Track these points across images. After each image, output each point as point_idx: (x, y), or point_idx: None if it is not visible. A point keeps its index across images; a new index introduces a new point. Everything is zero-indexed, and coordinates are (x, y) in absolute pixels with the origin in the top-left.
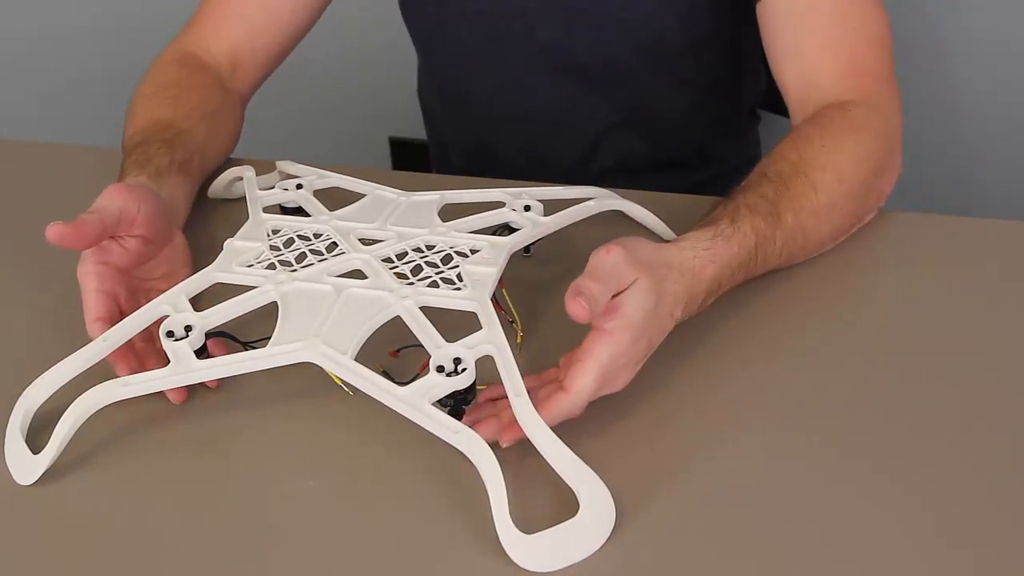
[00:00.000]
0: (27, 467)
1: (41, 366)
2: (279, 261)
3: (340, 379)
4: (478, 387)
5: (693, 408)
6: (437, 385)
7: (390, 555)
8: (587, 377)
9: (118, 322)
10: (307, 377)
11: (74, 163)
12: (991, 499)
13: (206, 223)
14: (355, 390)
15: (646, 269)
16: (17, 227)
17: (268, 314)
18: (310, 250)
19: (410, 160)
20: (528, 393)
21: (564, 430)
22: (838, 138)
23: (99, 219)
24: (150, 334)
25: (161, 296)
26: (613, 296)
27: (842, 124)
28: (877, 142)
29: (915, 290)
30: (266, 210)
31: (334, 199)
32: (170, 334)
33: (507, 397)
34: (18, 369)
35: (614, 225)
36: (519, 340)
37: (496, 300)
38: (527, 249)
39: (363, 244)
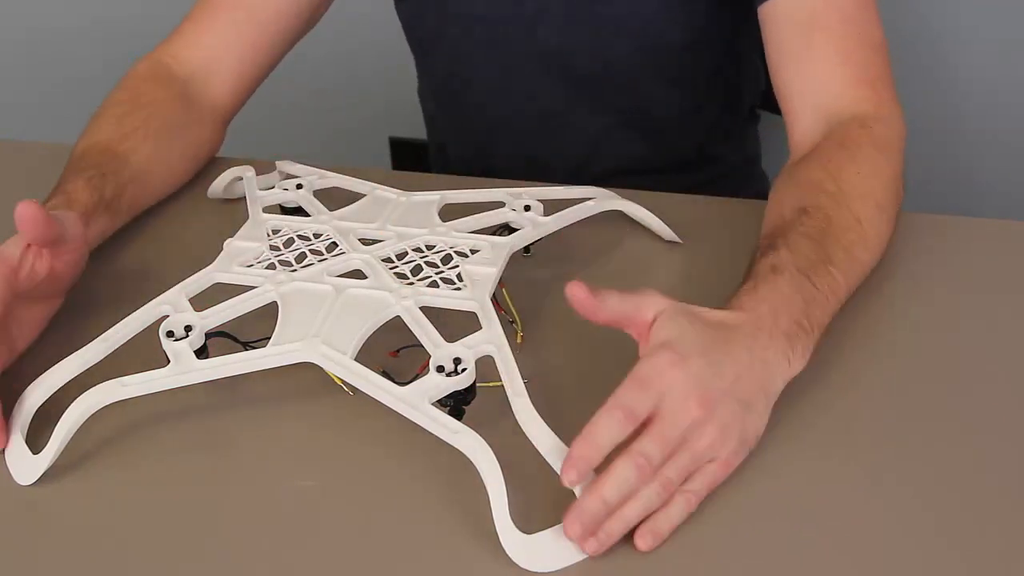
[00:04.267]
0: (27, 467)
1: (41, 366)
2: (279, 261)
3: (340, 379)
4: (478, 385)
5: None
6: (437, 385)
7: (389, 555)
8: (602, 412)
9: None
10: (307, 377)
11: None
12: (995, 499)
13: (206, 223)
14: (355, 390)
15: (671, 303)
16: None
17: (268, 314)
18: (310, 250)
19: (410, 160)
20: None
21: (565, 430)
22: (871, 162)
23: (63, 225)
24: None
25: (161, 296)
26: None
27: (869, 145)
28: (900, 160)
29: (915, 290)
30: (266, 210)
31: (334, 199)
32: (170, 334)
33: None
34: (18, 369)
35: (614, 225)
36: (519, 340)
37: (496, 300)
38: (527, 249)
39: (363, 244)
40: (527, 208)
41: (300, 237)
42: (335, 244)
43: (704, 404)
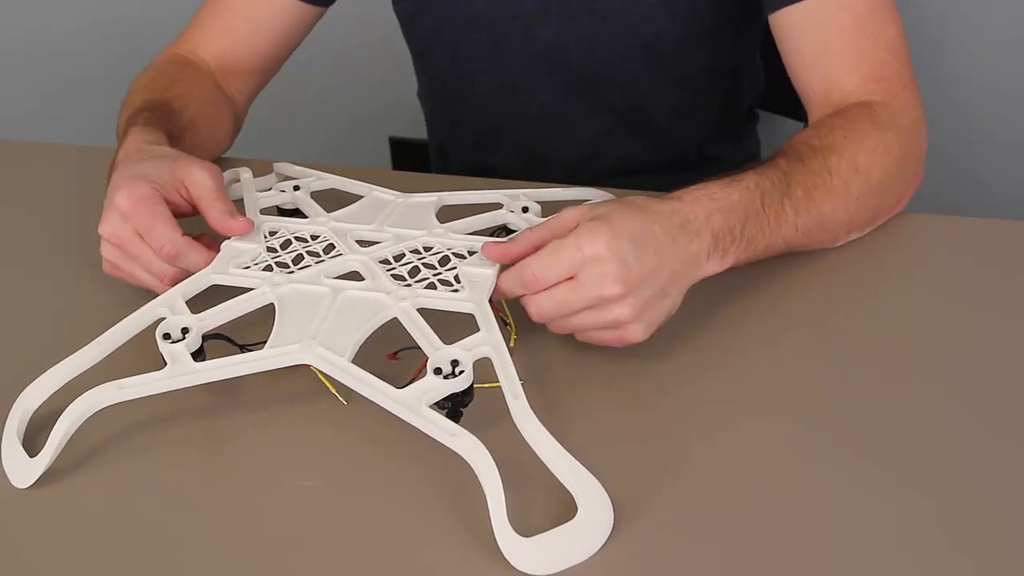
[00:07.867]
0: (24, 470)
1: (39, 368)
2: (276, 263)
3: (334, 388)
4: (475, 386)
5: (691, 409)
6: (435, 388)
7: (387, 559)
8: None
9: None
10: (305, 379)
11: (74, 163)
12: (994, 498)
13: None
14: (348, 399)
15: (590, 204)
16: (17, 227)
17: (265, 316)
18: (307, 252)
19: (410, 160)
20: None
21: (562, 432)
22: (860, 131)
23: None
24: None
25: (158, 299)
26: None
27: (866, 119)
28: (900, 141)
29: (916, 289)
30: (263, 212)
31: (332, 200)
32: (167, 336)
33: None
34: (16, 371)
35: None
36: (512, 343)
37: (493, 302)
38: None
39: (360, 246)
40: (525, 209)
41: (297, 239)
42: (332, 246)
43: (623, 283)
